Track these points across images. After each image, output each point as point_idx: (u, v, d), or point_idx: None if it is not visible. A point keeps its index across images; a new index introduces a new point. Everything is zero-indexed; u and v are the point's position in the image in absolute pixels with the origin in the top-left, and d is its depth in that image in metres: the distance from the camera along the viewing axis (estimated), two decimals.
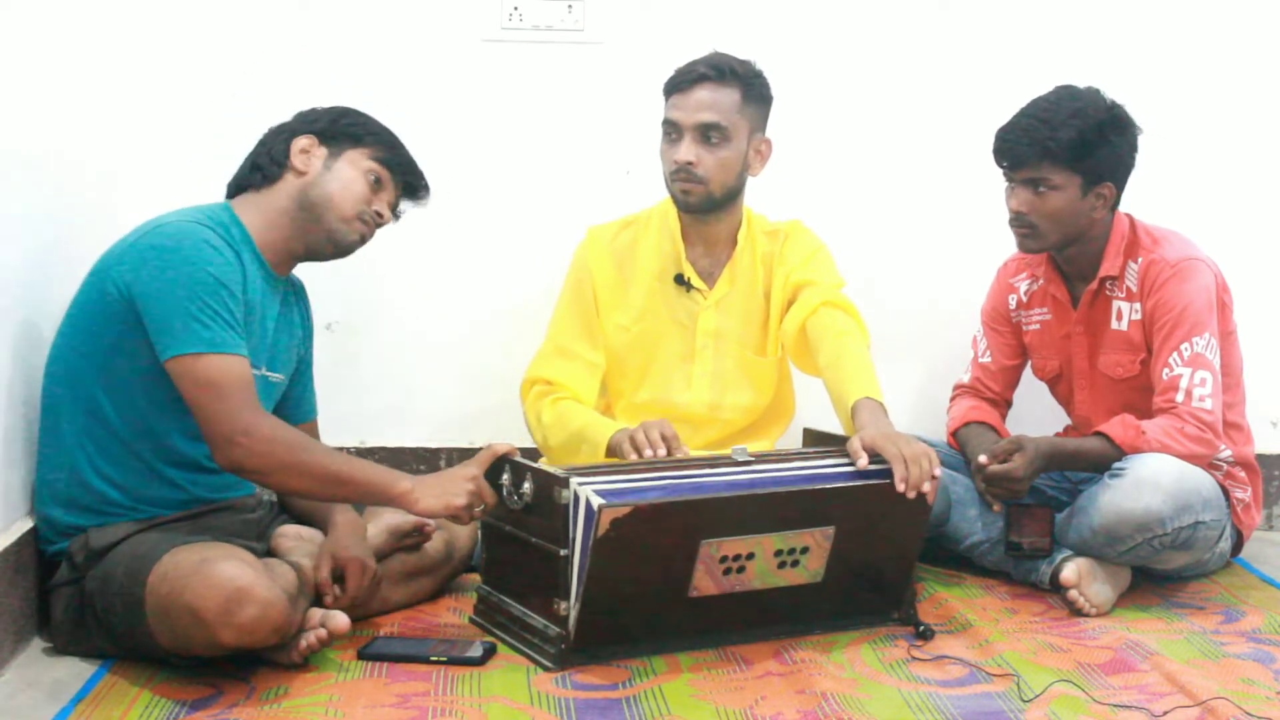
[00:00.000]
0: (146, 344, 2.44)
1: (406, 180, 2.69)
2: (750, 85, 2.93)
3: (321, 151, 2.61)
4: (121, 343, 2.47)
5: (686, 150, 2.90)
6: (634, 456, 2.71)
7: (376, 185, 2.63)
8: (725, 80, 2.90)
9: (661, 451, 2.69)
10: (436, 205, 2.87)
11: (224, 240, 2.50)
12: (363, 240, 2.65)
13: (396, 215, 2.72)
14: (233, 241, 2.52)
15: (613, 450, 2.80)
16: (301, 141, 2.61)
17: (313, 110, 2.68)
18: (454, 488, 2.50)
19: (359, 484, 2.47)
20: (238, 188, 2.65)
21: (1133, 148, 2.98)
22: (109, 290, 2.46)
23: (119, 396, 2.50)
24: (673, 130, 2.93)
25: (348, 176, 2.60)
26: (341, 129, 2.63)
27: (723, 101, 2.90)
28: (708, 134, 2.89)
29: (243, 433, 2.39)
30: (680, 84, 2.92)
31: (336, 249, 2.64)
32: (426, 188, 2.73)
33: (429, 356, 3.43)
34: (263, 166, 2.62)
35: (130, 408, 2.50)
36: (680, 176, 2.92)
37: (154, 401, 2.49)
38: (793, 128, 3.33)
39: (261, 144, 2.66)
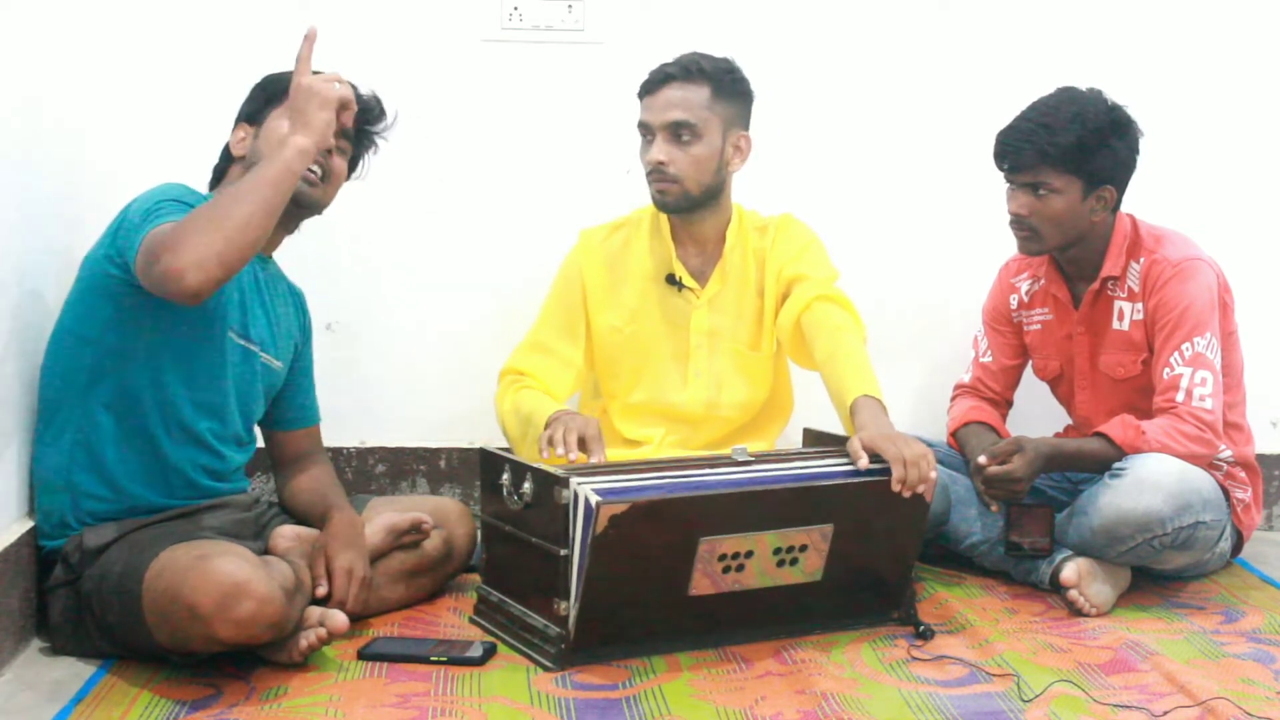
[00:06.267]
0: (146, 310, 2.45)
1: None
2: (720, 82, 2.93)
3: (251, 129, 2.64)
4: (120, 315, 2.48)
5: (658, 150, 2.91)
6: (548, 453, 2.69)
7: None
8: (693, 78, 2.91)
9: (574, 455, 2.66)
10: (436, 205, 2.87)
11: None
12: (316, 173, 2.56)
13: (363, 143, 2.70)
14: None
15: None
16: (236, 133, 2.66)
17: None
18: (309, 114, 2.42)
19: (255, 181, 2.36)
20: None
21: (1134, 150, 2.97)
22: (103, 263, 2.48)
23: (121, 375, 2.51)
24: (646, 132, 2.94)
25: (271, 127, 2.58)
26: (259, 100, 2.65)
27: (691, 99, 2.90)
28: (678, 132, 2.90)
29: (187, 263, 2.26)
30: (650, 85, 2.94)
31: (299, 192, 2.49)
32: (373, 109, 2.70)
33: (429, 356, 3.43)
34: (216, 170, 2.69)
35: (133, 384, 2.51)
36: (655, 177, 2.93)
37: (156, 371, 2.51)
38: (796, 127, 3.34)
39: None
